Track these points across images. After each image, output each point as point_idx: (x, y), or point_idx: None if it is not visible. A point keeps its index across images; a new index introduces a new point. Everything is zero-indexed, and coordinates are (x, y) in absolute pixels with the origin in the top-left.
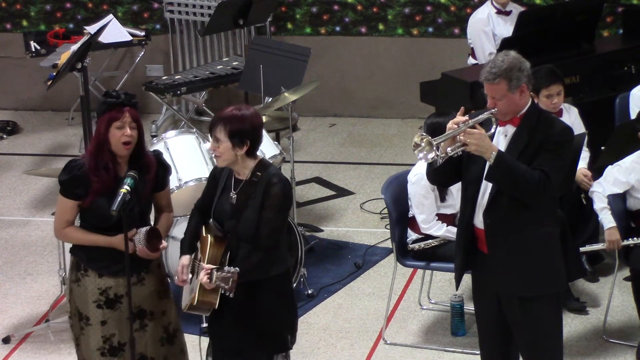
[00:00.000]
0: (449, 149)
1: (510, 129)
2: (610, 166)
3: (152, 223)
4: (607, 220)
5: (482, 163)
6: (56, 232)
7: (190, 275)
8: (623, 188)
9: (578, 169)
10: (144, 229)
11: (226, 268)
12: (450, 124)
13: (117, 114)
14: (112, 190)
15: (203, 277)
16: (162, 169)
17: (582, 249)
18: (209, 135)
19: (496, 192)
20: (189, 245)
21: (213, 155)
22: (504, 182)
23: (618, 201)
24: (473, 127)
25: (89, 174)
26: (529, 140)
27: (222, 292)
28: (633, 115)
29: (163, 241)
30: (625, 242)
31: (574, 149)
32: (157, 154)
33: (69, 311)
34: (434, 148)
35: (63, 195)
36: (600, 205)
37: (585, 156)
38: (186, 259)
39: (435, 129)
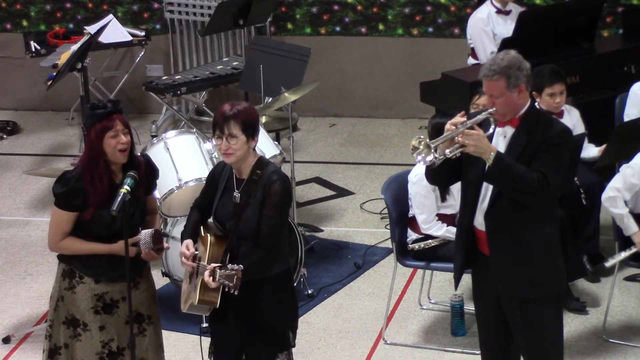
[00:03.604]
0: (447, 151)
1: (509, 130)
2: (624, 166)
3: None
4: (631, 225)
5: (482, 164)
6: (52, 245)
7: (189, 276)
8: (634, 191)
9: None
10: (148, 232)
11: (229, 265)
12: (448, 125)
13: (109, 123)
14: (109, 198)
15: (206, 276)
16: (151, 172)
17: (622, 255)
18: (215, 134)
19: (496, 195)
20: (190, 234)
21: (221, 153)
22: (503, 183)
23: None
24: (471, 128)
25: (85, 186)
26: (527, 141)
27: (227, 290)
28: (627, 110)
29: (164, 242)
30: None
31: (572, 150)
32: (146, 157)
33: (50, 319)
34: (432, 150)
35: (60, 207)
36: (620, 211)
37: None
38: (189, 241)
39: (440, 130)
